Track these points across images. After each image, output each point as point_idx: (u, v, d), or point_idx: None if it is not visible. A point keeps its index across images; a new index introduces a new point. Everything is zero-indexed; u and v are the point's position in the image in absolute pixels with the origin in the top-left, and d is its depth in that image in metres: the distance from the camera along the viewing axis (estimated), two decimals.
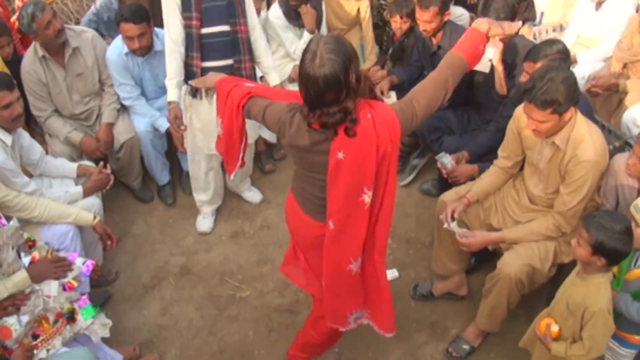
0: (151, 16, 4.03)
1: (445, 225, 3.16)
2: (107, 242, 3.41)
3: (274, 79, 3.87)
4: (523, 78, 3.25)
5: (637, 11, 4.40)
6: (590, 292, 2.49)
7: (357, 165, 2.21)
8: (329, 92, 2.07)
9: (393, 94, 2.76)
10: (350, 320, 2.70)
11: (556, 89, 2.65)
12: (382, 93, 4.22)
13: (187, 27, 3.43)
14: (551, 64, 2.92)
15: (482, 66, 3.47)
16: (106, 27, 4.87)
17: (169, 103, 3.60)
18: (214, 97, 2.74)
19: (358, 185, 2.26)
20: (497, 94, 3.65)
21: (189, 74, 3.55)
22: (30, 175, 3.48)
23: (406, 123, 2.23)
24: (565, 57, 3.19)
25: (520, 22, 2.76)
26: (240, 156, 2.74)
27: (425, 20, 3.85)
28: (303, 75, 2.09)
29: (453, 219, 3.18)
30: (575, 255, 2.53)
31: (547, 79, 2.66)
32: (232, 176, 2.86)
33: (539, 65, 3.11)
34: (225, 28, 3.47)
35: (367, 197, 2.28)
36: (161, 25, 4.20)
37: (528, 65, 3.21)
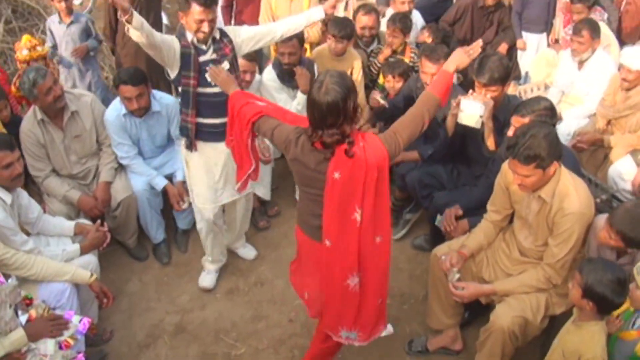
0: (148, 78, 4.17)
1: (450, 278, 3.20)
2: (104, 300, 3.43)
3: None
4: (511, 132, 3.36)
5: (618, 70, 4.57)
6: (584, 339, 2.54)
7: (349, 185, 2.57)
8: (330, 116, 2.46)
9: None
10: (342, 335, 2.94)
11: (538, 144, 2.77)
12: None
13: (184, 86, 3.51)
14: (534, 121, 3.06)
15: (473, 122, 3.59)
16: None
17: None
18: None
19: (349, 203, 2.60)
20: (487, 149, 3.77)
21: (183, 129, 3.68)
22: (28, 234, 3.51)
23: (392, 151, 2.61)
24: (552, 114, 3.32)
25: (481, 41, 3.13)
26: (252, 167, 3.18)
27: (434, 73, 4.01)
28: (310, 101, 2.51)
29: (452, 268, 3.23)
30: (570, 297, 2.60)
31: (529, 135, 2.78)
32: (238, 184, 3.27)
33: (526, 120, 3.24)
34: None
35: (357, 215, 2.62)
36: (158, 87, 4.35)
37: (515, 120, 3.33)
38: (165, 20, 6.62)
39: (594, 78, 4.74)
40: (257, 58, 4.76)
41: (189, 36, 3.44)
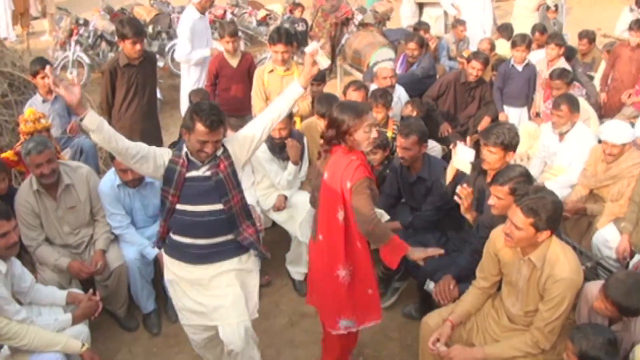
0: None
1: (436, 347, 3.24)
2: None
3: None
4: (491, 201, 3.47)
5: (598, 142, 4.73)
6: None
7: (332, 185, 3.16)
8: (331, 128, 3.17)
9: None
10: (341, 326, 3.36)
11: (544, 205, 2.89)
12: None
13: (162, 197, 3.20)
14: (512, 188, 3.30)
15: (463, 167, 3.92)
16: None
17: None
18: None
19: (333, 203, 3.17)
20: (468, 222, 3.93)
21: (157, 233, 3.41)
22: (20, 303, 3.50)
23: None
24: (527, 180, 3.45)
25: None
26: None
27: (404, 147, 4.16)
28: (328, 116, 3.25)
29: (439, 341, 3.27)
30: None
31: (540, 194, 2.93)
32: None
33: (505, 188, 3.37)
34: (217, 207, 3.17)
35: (340, 215, 3.17)
36: None
37: (494, 189, 3.46)
38: (159, 94, 6.79)
39: (575, 149, 4.90)
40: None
41: (183, 149, 3.15)
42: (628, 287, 2.85)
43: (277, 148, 4.68)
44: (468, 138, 3.94)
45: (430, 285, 3.88)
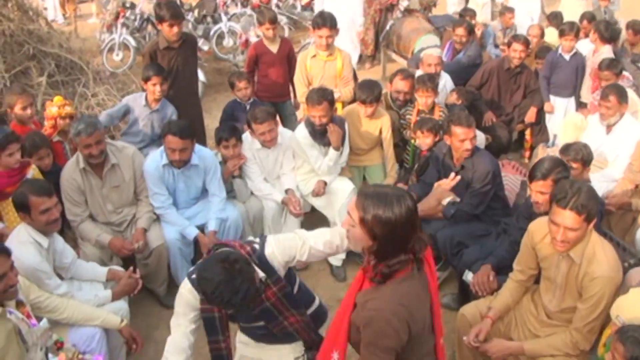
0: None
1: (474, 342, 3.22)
2: (133, 346, 3.47)
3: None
4: (535, 198, 3.41)
5: None
6: None
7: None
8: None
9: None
10: None
11: (588, 196, 2.82)
12: None
13: (205, 312, 2.76)
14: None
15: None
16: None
17: None
18: None
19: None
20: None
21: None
22: (61, 278, 3.60)
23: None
24: (564, 168, 3.43)
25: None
26: None
27: (472, 137, 4.17)
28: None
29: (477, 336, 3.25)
30: None
31: (577, 187, 2.84)
32: None
33: (549, 181, 3.33)
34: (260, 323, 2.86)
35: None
36: (197, 142, 4.49)
37: (536, 185, 3.42)
38: (202, 77, 6.84)
39: (622, 142, 4.78)
40: (274, 112, 4.90)
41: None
42: None
43: (318, 134, 4.68)
44: (539, 148, 3.98)
45: (468, 276, 3.84)
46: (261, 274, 2.55)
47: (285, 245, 2.63)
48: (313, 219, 5.20)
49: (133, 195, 4.35)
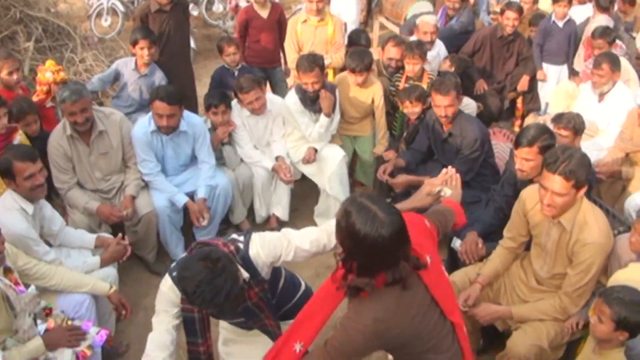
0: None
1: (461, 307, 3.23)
2: (122, 312, 3.47)
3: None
4: (519, 165, 3.40)
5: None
6: None
7: None
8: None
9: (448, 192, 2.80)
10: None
11: (578, 162, 2.81)
12: (383, 173, 4.48)
13: (192, 351, 2.69)
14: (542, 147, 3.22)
15: None
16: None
17: None
18: None
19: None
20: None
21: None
22: (50, 245, 3.58)
23: None
24: (551, 135, 3.41)
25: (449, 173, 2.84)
26: None
27: (447, 105, 4.11)
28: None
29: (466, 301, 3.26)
30: (596, 332, 2.58)
31: (569, 153, 2.83)
32: None
33: (534, 148, 3.32)
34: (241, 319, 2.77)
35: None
36: (189, 108, 4.43)
37: (521, 152, 3.39)
38: (191, 44, 6.74)
39: (613, 110, 4.76)
40: (261, 79, 4.83)
41: None
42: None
43: (309, 100, 4.64)
44: (530, 117, 3.95)
45: (457, 243, 3.85)
46: (245, 274, 2.43)
47: (270, 245, 2.51)
48: (303, 187, 5.20)
49: (121, 162, 4.30)
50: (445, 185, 2.72)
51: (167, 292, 2.55)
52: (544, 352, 3.03)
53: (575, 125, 4.04)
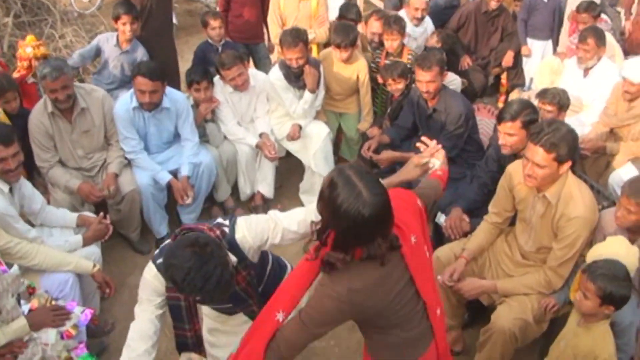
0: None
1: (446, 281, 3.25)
2: (106, 290, 3.45)
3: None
4: (502, 140, 3.41)
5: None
6: (596, 340, 2.57)
7: None
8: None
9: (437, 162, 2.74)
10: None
11: (562, 136, 2.81)
12: (368, 150, 4.47)
13: (180, 335, 2.61)
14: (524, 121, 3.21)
15: None
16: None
17: None
18: None
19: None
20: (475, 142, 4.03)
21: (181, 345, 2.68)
22: (32, 225, 3.53)
23: None
24: (533, 110, 3.41)
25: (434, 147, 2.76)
26: None
27: (428, 80, 4.06)
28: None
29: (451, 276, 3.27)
30: (581, 308, 2.59)
31: (554, 126, 2.84)
32: None
33: (517, 123, 3.32)
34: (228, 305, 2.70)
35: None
36: (171, 85, 4.36)
37: (504, 127, 3.39)
38: (174, 19, 6.64)
39: (598, 86, 4.77)
40: (243, 55, 4.76)
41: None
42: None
43: (293, 76, 4.58)
44: (515, 92, 3.94)
45: (441, 219, 3.86)
46: (233, 259, 2.34)
47: (257, 228, 2.43)
48: (288, 164, 5.17)
49: (103, 140, 4.24)
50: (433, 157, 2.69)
51: (152, 280, 2.44)
52: (528, 326, 3.06)
53: (560, 100, 4.04)
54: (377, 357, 2.31)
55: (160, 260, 2.35)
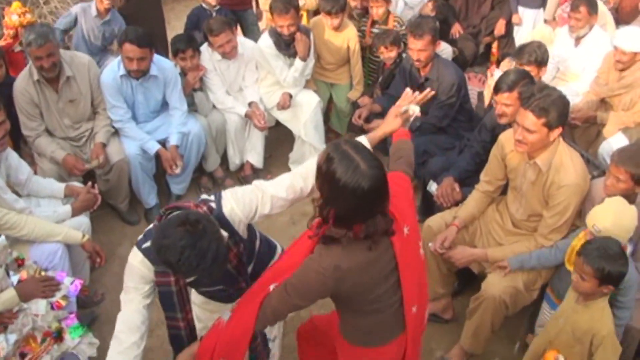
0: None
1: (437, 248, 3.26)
2: (97, 260, 3.43)
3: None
4: (499, 110, 3.39)
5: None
6: (595, 317, 2.57)
7: None
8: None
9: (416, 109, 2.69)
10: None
11: (553, 102, 2.80)
12: (359, 118, 4.44)
13: (162, 285, 2.37)
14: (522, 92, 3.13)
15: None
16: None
17: None
18: None
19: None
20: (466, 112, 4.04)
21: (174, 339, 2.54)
22: (18, 195, 3.48)
23: None
24: (531, 80, 3.39)
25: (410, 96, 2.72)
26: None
27: (420, 49, 4.02)
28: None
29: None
30: (579, 289, 2.59)
31: (545, 92, 2.83)
32: None
33: (515, 93, 3.29)
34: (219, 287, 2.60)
35: None
36: (159, 52, 4.28)
37: (501, 97, 3.36)
38: None
39: (590, 55, 4.74)
40: (231, 21, 4.66)
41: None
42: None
43: (283, 44, 4.52)
44: (507, 59, 3.85)
45: (432, 187, 3.85)
46: (225, 234, 2.24)
47: (244, 199, 2.33)
48: (277, 133, 5.13)
49: (90, 109, 4.17)
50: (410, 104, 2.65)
51: (138, 266, 2.32)
52: (519, 294, 3.08)
53: (537, 57, 3.95)
54: (345, 336, 2.36)
55: (146, 245, 2.26)
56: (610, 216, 2.68)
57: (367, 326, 2.27)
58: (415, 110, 2.61)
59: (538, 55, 3.92)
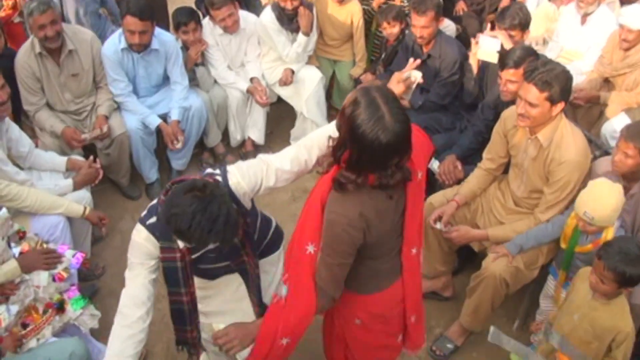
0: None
1: (436, 225, 3.26)
2: (102, 229, 3.52)
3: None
4: (504, 86, 3.37)
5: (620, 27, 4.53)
6: (617, 316, 2.54)
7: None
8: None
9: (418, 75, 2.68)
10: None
11: (556, 76, 2.79)
12: None
13: (167, 261, 2.36)
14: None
15: (490, 58, 3.72)
16: None
17: None
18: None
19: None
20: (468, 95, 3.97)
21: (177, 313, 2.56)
22: (20, 168, 3.49)
23: None
24: (537, 57, 3.35)
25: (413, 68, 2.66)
26: None
27: (423, 25, 3.99)
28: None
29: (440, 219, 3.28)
30: (599, 290, 2.54)
31: (549, 66, 2.82)
32: None
33: (520, 70, 3.24)
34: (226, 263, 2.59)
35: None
36: (160, 25, 4.22)
37: (507, 73, 3.34)
38: None
39: (595, 33, 4.70)
40: None
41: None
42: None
43: (286, 18, 4.48)
44: (488, 26, 3.92)
45: (434, 165, 3.84)
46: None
47: (250, 172, 2.32)
48: (279, 110, 5.11)
49: (92, 84, 4.15)
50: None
51: (143, 243, 2.30)
52: (519, 272, 3.08)
53: (521, 20, 3.85)
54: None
55: (151, 221, 2.25)
56: (600, 201, 2.68)
57: (366, 273, 2.26)
58: (417, 77, 2.58)
59: (521, 17, 3.84)
